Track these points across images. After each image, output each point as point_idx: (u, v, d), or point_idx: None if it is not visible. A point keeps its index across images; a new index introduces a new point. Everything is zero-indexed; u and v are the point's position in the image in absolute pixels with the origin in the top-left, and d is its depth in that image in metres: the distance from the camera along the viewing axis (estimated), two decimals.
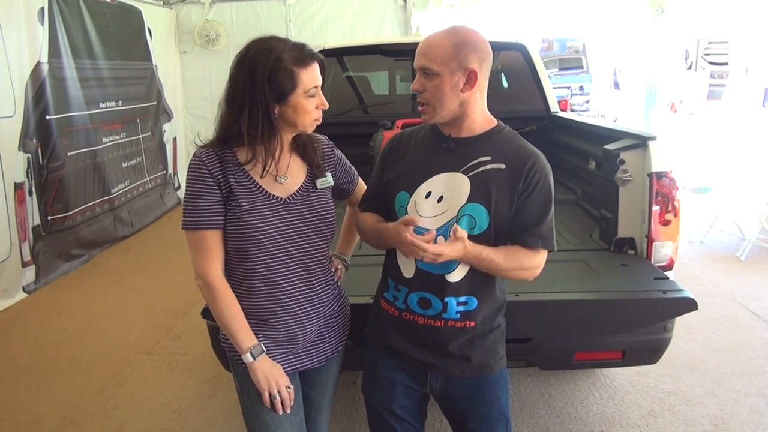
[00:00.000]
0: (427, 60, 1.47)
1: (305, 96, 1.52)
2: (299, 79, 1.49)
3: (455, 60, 1.46)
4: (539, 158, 1.53)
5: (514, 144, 1.56)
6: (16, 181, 4.49)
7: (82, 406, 3.05)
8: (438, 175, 1.54)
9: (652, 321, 2.25)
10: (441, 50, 1.46)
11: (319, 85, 1.55)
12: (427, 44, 1.49)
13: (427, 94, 1.50)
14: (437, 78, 1.47)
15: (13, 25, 4.50)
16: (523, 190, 1.51)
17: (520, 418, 2.80)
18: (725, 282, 4.45)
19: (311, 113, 1.55)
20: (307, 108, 1.53)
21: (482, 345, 1.62)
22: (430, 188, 1.55)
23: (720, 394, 2.97)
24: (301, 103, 1.52)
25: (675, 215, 2.44)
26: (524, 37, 4.13)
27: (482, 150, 1.53)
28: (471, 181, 1.51)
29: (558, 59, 16.50)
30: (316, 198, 1.63)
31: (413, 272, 1.58)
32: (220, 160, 1.53)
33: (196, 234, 1.52)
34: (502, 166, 1.51)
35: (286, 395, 1.58)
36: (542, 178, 1.52)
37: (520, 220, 1.54)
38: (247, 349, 1.54)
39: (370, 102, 4.44)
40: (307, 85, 1.51)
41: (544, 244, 1.55)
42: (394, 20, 7.41)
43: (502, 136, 1.57)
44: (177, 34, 7.56)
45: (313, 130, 1.62)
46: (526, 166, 1.51)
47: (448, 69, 1.46)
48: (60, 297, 4.58)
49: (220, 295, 1.54)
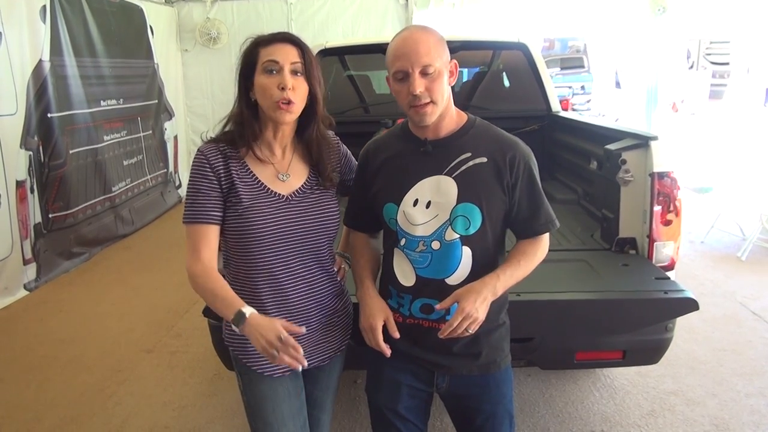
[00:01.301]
0: (429, 59, 1.46)
1: (263, 72, 1.48)
2: (258, 55, 1.50)
3: (444, 54, 1.49)
4: (518, 145, 1.56)
5: (490, 135, 1.57)
6: (17, 179, 4.49)
7: (83, 404, 3.06)
8: (422, 180, 1.54)
9: (654, 321, 2.25)
10: (435, 48, 1.47)
11: (280, 63, 1.47)
12: (421, 44, 1.46)
13: (431, 94, 1.48)
14: (439, 75, 1.47)
15: (15, 23, 4.50)
16: (513, 182, 1.52)
17: (520, 417, 2.80)
18: (726, 282, 4.45)
19: (272, 92, 1.47)
20: (266, 87, 1.47)
21: (487, 342, 1.62)
22: (416, 195, 1.54)
23: (720, 395, 2.97)
24: (260, 81, 1.49)
25: (676, 215, 2.44)
26: (526, 37, 4.12)
27: (460, 147, 1.54)
28: (457, 182, 1.51)
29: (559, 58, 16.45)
30: (319, 196, 1.62)
31: (414, 280, 1.58)
32: (223, 155, 1.53)
33: (192, 227, 1.51)
34: (483, 159, 1.52)
35: (287, 346, 1.35)
36: (526, 165, 1.54)
37: (522, 212, 1.56)
38: (233, 312, 1.41)
39: (371, 101, 4.44)
40: (263, 58, 1.49)
41: (551, 225, 1.59)
42: (396, 19, 7.40)
43: (476, 129, 1.58)
44: (178, 33, 7.57)
45: (286, 119, 1.52)
46: (508, 156, 1.52)
47: (444, 64, 1.49)
48: (61, 295, 4.59)
49: (205, 271, 1.48)
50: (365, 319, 1.60)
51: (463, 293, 1.46)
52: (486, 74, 4.41)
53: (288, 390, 1.64)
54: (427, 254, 1.54)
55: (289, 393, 1.64)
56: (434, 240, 1.52)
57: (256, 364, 1.61)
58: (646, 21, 7.43)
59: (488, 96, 4.23)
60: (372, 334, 1.58)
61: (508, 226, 1.61)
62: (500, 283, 1.49)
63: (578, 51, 16.51)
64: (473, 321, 1.43)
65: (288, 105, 1.48)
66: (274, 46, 1.50)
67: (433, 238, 1.52)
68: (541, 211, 1.58)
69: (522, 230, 1.61)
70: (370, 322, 1.58)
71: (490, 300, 1.47)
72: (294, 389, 1.66)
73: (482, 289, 1.46)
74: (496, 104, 4.14)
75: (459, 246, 1.53)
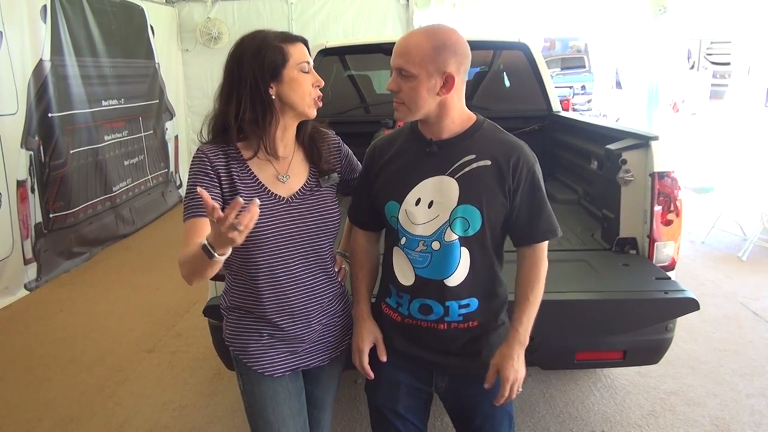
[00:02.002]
0: (404, 61, 1.43)
1: (298, 70, 1.50)
2: (288, 53, 1.49)
3: (433, 63, 1.41)
4: (523, 150, 1.53)
5: (496, 138, 1.55)
6: (18, 179, 4.50)
7: (83, 404, 3.06)
8: (425, 180, 1.53)
9: (654, 321, 2.25)
10: (419, 52, 1.42)
11: (310, 63, 1.54)
12: (404, 44, 1.45)
13: (402, 95, 1.47)
14: (414, 80, 1.43)
15: (16, 22, 4.50)
16: (514, 186, 1.51)
17: (520, 417, 2.80)
18: (727, 282, 4.45)
19: (308, 90, 1.52)
20: (303, 83, 1.51)
21: (487, 342, 1.61)
22: (419, 195, 1.53)
23: (721, 395, 2.97)
24: (295, 77, 1.50)
25: (677, 215, 2.44)
26: (526, 36, 4.12)
27: (465, 149, 1.52)
28: (459, 183, 1.50)
29: (560, 58, 16.45)
30: (319, 197, 1.61)
31: (413, 280, 1.57)
32: (224, 155, 1.52)
33: (188, 222, 1.48)
34: (487, 162, 1.50)
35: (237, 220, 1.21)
36: (530, 170, 1.52)
37: (521, 218, 1.54)
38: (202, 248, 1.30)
39: (371, 101, 4.44)
40: (297, 58, 1.50)
41: (550, 235, 1.57)
42: (396, 19, 7.41)
43: (482, 132, 1.55)
44: (179, 33, 7.57)
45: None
46: (511, 160, 1.50)
47: (425, 72, 1.42)
48: (61, 294, 4.59)
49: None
50: (354, 342, 1.68)
51: (499, 363, 1.55)
52: (486, 74, 4.41)
53: (288, 390, 1.64)
54: (426, 254, 1.54)
55: (289, 393, 1.64)
56: (434, 240, 1.52)
57: (257, 365, 1.60)
58: (646, 21, 7.43)
59: (489, 96, 4.22)
60: (359, 357, 1.66)
61: (507, 232, 1.60)
62: (521, 333, 1.56)
63: (579, 51, 16.50)
64: (519, 381, 1.55)
65: (317, 101, 1.56)
66: (299, 45, 1.53)
67: (433, 239, 1.52)
68: (540, 219, 1.55)
69: (519, 237, 1.58)
70: (358, 345, 1.66)
71: (523, 351, 1.56)
72: (294, 389, 1.66)
73: (512, 351, 1.55)
74: (497, 104, 4.13)
75: (458, 247, 1.52)
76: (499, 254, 1.61)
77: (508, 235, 1.60)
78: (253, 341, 1.60)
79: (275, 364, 1.61)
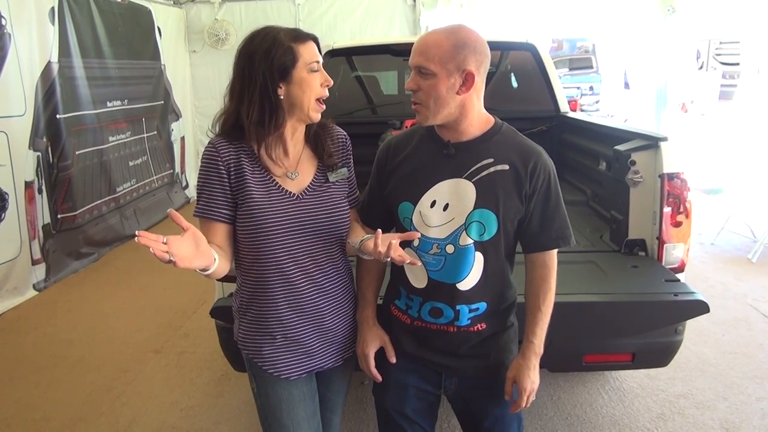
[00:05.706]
0: (423, 59, 1.43)
1: (308, 70, 1.50)
2: (299, 53, 1.48)
3: (453, 61, 1.41)
4: (541, 156, 1.52)
5: (514, 143, 1.54)
6: (26, 180, 4.52)
7: (91, 404, 3.07)
8: (441, 182, 1.51)
9: (663, 323, 2.23)
10: (439, 50, 1.41)
11: (320, 62, 1.53)
12: (424, 42, 1.44)
13: (421, 94, 1.46)
14: (433, 78, 1.42)
15: (25, 24, 4.53)
16: (531, 192, 1.49)
17: (528, 420, 2.78)
18: (736, 284, 4.41)
19: (316, 89, 1.51)
20: (312, 83, 1.51)
21: (495, 345, 1.61)
22: (434, 197, 1.51)
23: (731, 398, 2.94)
24: (305, 78, 1.49)
25: (686, 217, 2.42)
26: (534, 37, 4.11)
27: (483, 152, 1.50)
28: (476, 187, 1.48)
29: (568, 59, 16.39)
30: (330, 193, 1.60)
31: (426, 283, 1.56)
32: (236, 150, 1.52)
33: (200, 221, 1.52)
34: (505, 167, 1.49)
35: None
36: (547, 176, 1.51)
37: (533, 223, 1.53)
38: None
39: (378, 102, 4.43)
40: (307, 59, 1.49)
41: (561, 242, 1.56)
42: (403, 20, 7.40)
43: (501, 136, 1.54)
44: (186, 34, 7.59)
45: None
46: (529, 166, 1.49)
47: (445, 70, 1.41)
48: (70, 295, 4.61)
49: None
50: (359, 347, 1.67)
51: (516, 374, 1.57)
52: (494, 75, 4.39)
53: (303, 393, 1.63)
54: (440, 257, 1.52)
55: (304, 396, 1.63)
56: (449, 243, 1.50)
57: (272, 368, 1.59)
58: (655, 21, 7.38)
59: (496, 96, 4.18)
60: (365, 362, 1.67)
61: (518, 237, 1.58)
62: (536, 344, 1.57)
63: (587, 51, 16.45)
64: (534, 390, 1.58)
65: (322, 103, 1.55)
66: (309, 44, 1.52)
67: (447, 242, 1.50)
68: (553, 226, 1.53)
69: (529, 242, 1.57)
70: (364, 350, 1.66)
71: (538, 361, 1.58)
72: (309, 392, 1.65)
73: (529, 362, 1.57)
74: (505, 105, 4.11)
75: (473, 251, 1.51)
76: (511, 259, 1.60)
77: (519, 241, 1.59)
78: (267, 344, 1.59)
79: (290, 367, 1.60)
